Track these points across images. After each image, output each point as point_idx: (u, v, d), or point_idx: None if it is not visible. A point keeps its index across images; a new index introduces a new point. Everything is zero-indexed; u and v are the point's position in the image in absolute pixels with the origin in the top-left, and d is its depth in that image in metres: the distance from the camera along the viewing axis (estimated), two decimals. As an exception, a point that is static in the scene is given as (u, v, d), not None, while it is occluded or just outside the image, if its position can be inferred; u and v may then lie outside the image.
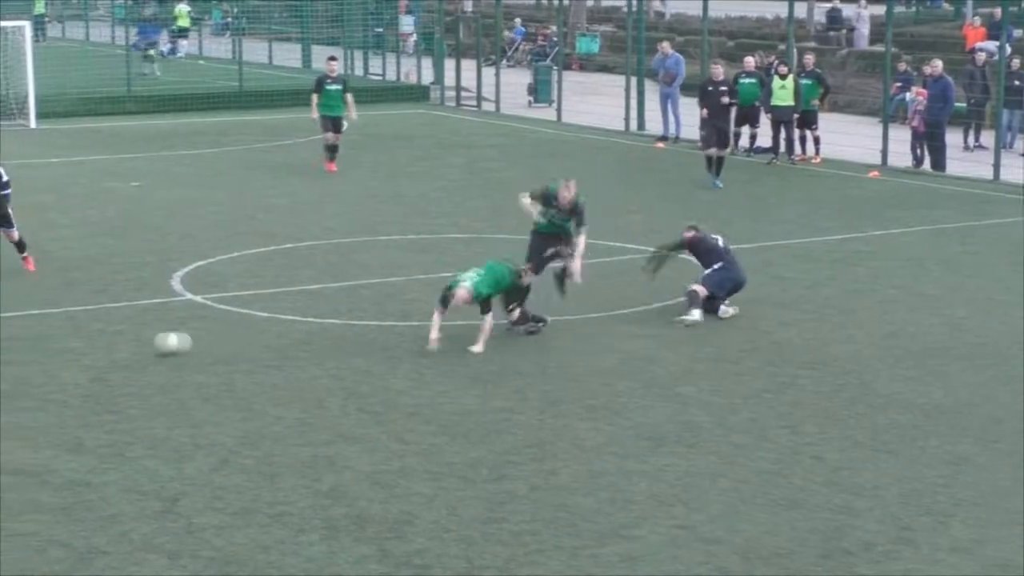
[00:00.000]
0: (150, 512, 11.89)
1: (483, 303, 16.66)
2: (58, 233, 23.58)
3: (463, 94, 44.41)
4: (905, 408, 14.81)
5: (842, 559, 11.07)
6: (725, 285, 18.44)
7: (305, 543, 11.29)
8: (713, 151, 28.66)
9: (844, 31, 50.58)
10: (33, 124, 37.27)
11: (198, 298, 19.26)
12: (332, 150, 30.46)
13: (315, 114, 30.28)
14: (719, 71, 29.59)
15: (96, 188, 28.38)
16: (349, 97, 30.30)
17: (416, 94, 45.23)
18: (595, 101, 41.48)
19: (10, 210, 20.57)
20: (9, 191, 20.42)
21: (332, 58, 31.93)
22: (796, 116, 31.44)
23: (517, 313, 17.26)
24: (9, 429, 13.99)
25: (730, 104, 29.54)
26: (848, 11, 51.26)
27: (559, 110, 40.14)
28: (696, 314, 18.08)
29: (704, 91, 29.38)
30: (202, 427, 14.09)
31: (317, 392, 15.20)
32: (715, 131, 28.78)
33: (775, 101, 31.23)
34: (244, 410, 14.61)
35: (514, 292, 17.18)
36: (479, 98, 43.56)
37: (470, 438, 13.78)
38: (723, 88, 29.18)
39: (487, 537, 11.41)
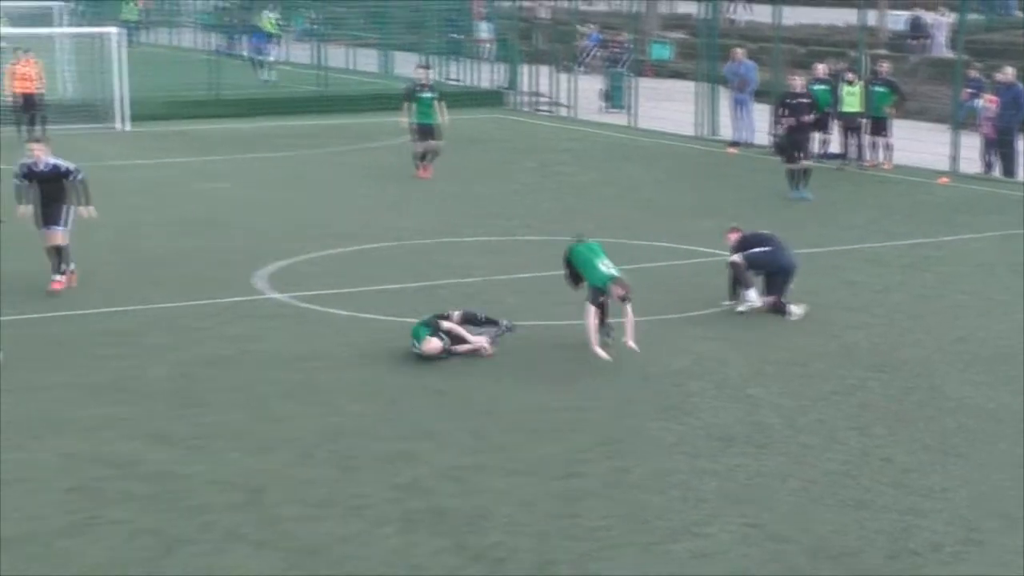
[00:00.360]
0: (234, 503, 11.99)
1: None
2: (147, 232, 23.79)
3: (538, 99, 44.42)
4: (974, 412, 14.67)
5: (909, 560, 10.98)
6: (765, 264, 18.36)
7: (383, 535, 11.33)
8: (796, 164, 27.59)
9: (925, 39, 49.68)
10: (126, 127, 37.64)
11: (281, 296, 19.38)
12: (422, 157, 29.68)
13: (404, 119, 29.64)
14: (798, 82, 28.53)
15: (184, 189, 28.62)
16: (442, 105, 29.61)
17: (492, 99, 45.27)
18: (668, 106, 41.35)
19: (69, 208, 19.49)
20: (81, 176, 19.48)
21: (423, 65, 31.36)
22: (865, 122, 31.24)
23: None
24: (103, 421, 14.17)
25: (811, 119, 28.17)
26: (928, 18, 50.56)
27: (633, 115, 40.04)
28: (752, 296, 18.08)
29: (783, 103, 28.13)
30: (283, 421, 14.19)
31: (395, 389, 15.26)
32: (795, 144, 27.66)
33: (843, 107, 31.16)
34: (324, 405, 14.70)
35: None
36: (554, 103, 43.55)
37: (544, 435, 13.78)
38: (804, 100, 27.94)
39: (561, 532, 11.41)
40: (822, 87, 31.46)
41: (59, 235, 19.32)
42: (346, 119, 40.63)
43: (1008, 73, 31.26)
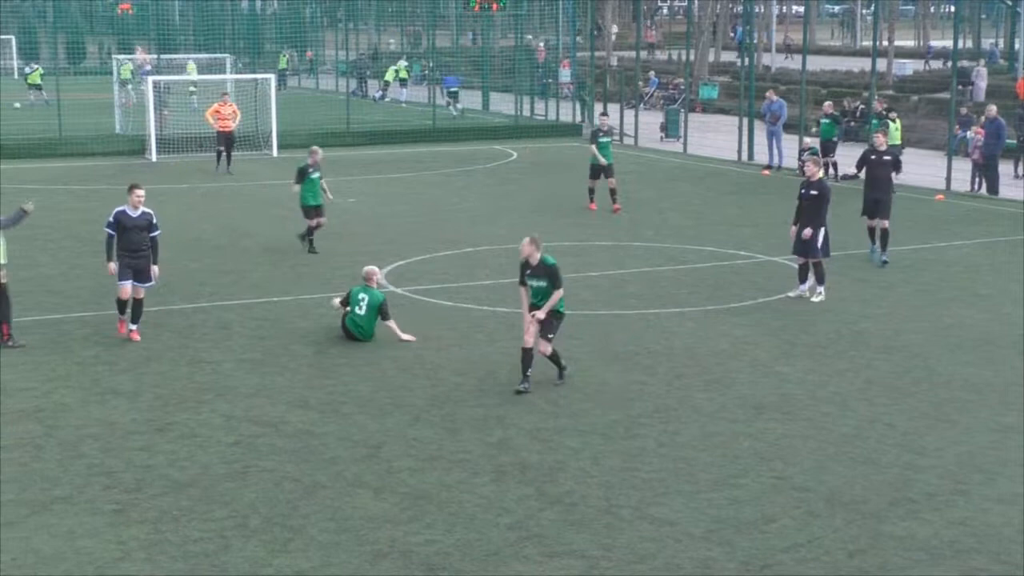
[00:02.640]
0: (359, 456, 12.06)
1: None
2: (293, 238, 23.96)
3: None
4: (961, 386, 14.45)
5: (908, 507, 10.84)
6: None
7: (479, 484, 11.34)
8: (876, 222, 21.71)
9: (968, 86, 47.64)
10: (275, 153, 37.98)
11: (399, 290, 19.47)
12: (611, 193, 27.34)
13: (600, 160, 27.28)
14: (882, 140, 22.17)
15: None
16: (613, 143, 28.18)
17: (570, 130, 45.17)
18: (714, 137, 41.07)
19: (154, 267, 16.11)
20: (158, 233, 16.25)
21: (604, 113, 30.29)
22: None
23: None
24: (257, 389, 14.32)
25: (893, 173, 21.95)
26: (972, 69, 48.73)
27: (685, 143, 39.86)
28: (822, 292, 18.41)
29: (866, 159, 21.98)
30: (399, 390, 14.24)
31: (489, 365, 15.26)
32: (875, 202, 21.67)
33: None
34: (432, 378, 14.74)
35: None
36: (621, 133, 43.40)
37: (610, 403, 13.76)
38: (887, 158, 21.68)
39: (622, 482, 11.38)
40: (826, 121, 32.31)
41: (142, 291, 16.19)
42: (451, 147, 40.70)
43: (992, 110, 30.91)
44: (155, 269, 16.18)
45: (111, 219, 15.98)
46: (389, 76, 58.59)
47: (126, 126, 41.04)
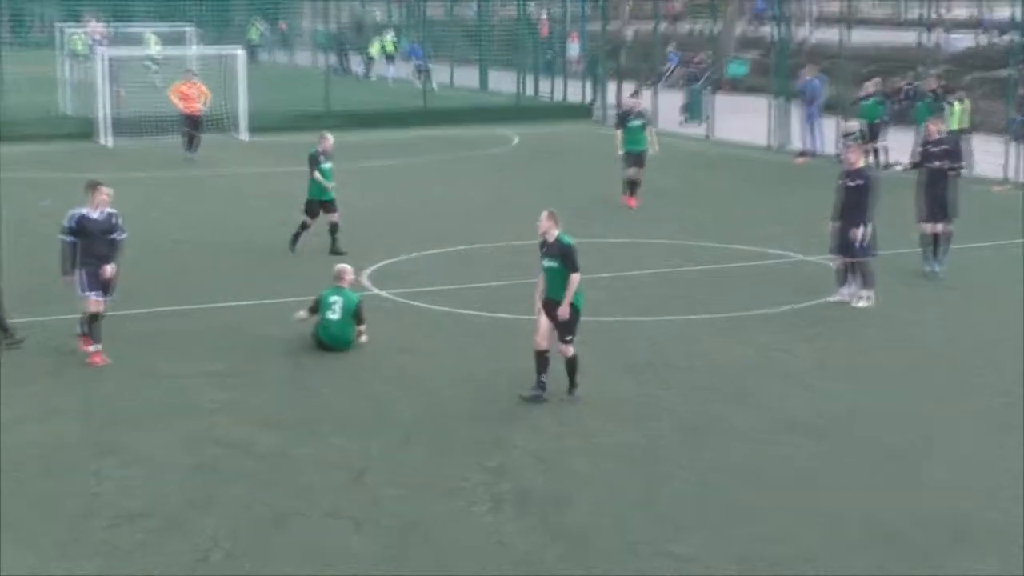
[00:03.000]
0: (339, 482, 11.99)
1: None
2: (266, 232, 23.88)
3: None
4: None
5: (967, 544, 10.70)
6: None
7: (476, 515, 11.28)
8: (931, 226, 20.72)
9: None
10: (244, 137, 37.91)
11: (383, 292, 19.40)
12: (632, 185, 27.06)
13: (620, 150, 27.03)
14: (937, 128, 21.38)
15: (298, 193, 28.67)
16: (652, 132, 27.59)
17: (579, 112, 45.10)
18: (742, 119, 40.97)
19: (106, 267, 15.58)
20: (124, 236, 15.89)
21: (635, 93, 29.96)
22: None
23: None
24: (222, 405, 14.26)
25: (953, 169, 20.89)
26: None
27: (710, 127, 39.78)
28: (845, 291, 18.30)
29: (925, 152, 21.04)
30: (385, 407, 14.17)
31: (488, 378, 15.20)
32: (934, 202, 20.63)
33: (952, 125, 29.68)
34: (422, 393, 14.68)
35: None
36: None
37: (624, 422, 13.68)
38: (945, 147, 20.75)
39: (640, 514, 11.29)
40: (870, 102, 32.03)
41: (104, 304, 15.70)
42: (446, 130, 40.66)
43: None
44: (108, 268, 15.64)
45: (71, 224, 15.39)
46: (374, 51, 58.50)
47: (74, 106, 40.98)
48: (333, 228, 22.06)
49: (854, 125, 30.92)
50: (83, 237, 15.44)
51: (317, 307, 16.45)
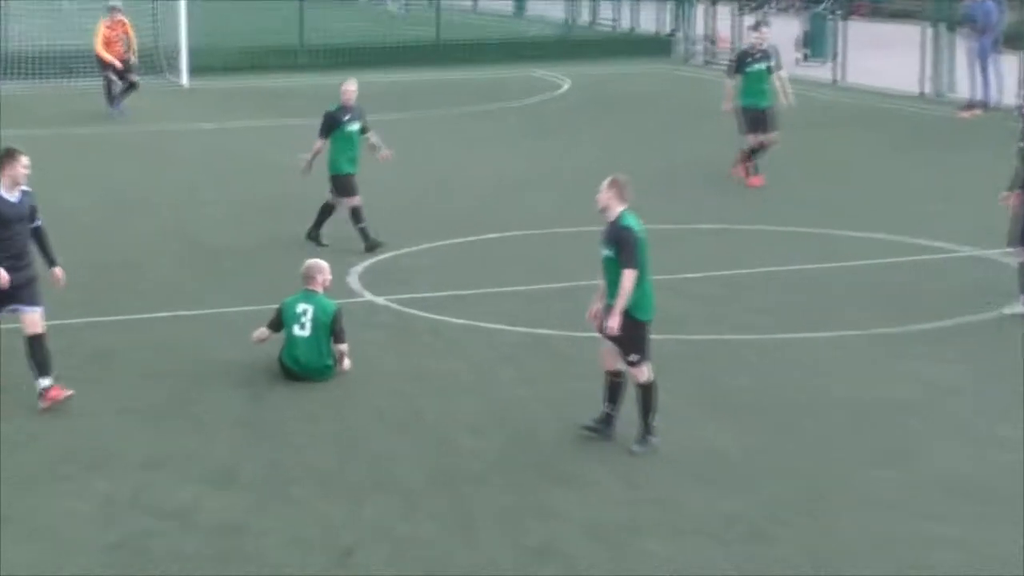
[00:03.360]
0: (318, 566, 11.97)
1: None
2: (209, 215, 23.98)
3: (716, 48, 44.21)
4: None
5: None
6: None
7: (510, 614, 11.26)
8: None
9: None
10: (185, 82, 38.04)
11: (379, 299, 19.43)
12: (754, 153, 26.61)
13: (729, 105, 26.77)
14: None
15: (257, 161, 28.82)
16: (782, 79, 26.93)
17: (656, 48, 45.11)
18: (885, 57, 40.97)
19: (55, 270, 15.87)
20: (41, 222, 15.87)
21: (756, 25, 28.77)
22: None
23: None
24: (152, 456, 14.24)
25: None
26: None
27: (839, 68, 39.70)
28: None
29: None
30: (382, 461, 14.15)
31: (525, 420, 15.17)
32: None
33: None
34: (434, 441, 14.66)
35: None
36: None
37: (719, 483, 13.62)
38: None
39: (742, 613, 11.26)
40: None
41: (39, 318, 15.65)
42: (466, 73, 40.71)
43: None
44: (58, 272, 15.82)
45: None
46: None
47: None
48: (354, 215, 21.86)
49: None
50: None
51: (279, 321, 16.45)
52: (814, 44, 43.16)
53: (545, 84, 39.01)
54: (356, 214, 21.84)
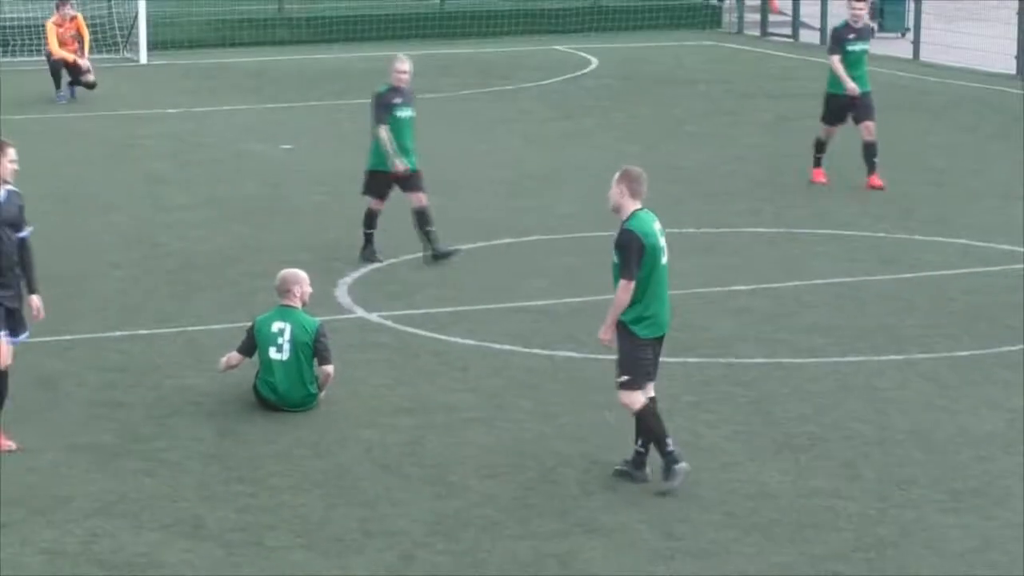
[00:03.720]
0: (300, 629, 12.11)
1: None
2: (175, 217, 23.99)
3: (772, 18, 44.19)
4: None
5: None
6: None
7: None
8: None
9: None
10: (143, 59, 38.10)
11: (373, 316, 19.51)
12: (868, 150, 26.61)
13: (852, 84, 26.54)
14: None
15: (230, 152, 28.83)
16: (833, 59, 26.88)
17: (701, 18, 45.11)
18: (973, 30, 40.89)
19: (32, 297, 15.81)
20: (29, 232, 15.93)
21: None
22: None
23: None
24: (105, 500, 14.32)
25: None
26: None
27: (917, 43, 39.71)
28: None
29: None
30: (376, 506, 14.24)
31: (544, 457, 15.25)
32: None
33: None
34: (437, 483, 14.75)
35: None
36: (795, 24, 43.32)
37: (773, 532, 13.71)
38: None
39: None
40: None
41: (11, 351, 15.73)
42: (478, 48, 40.69)
43: None
44: (35, 301, 15.72)
45: None
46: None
47: None
48: (419, 217, 21.80)
49: None
50: None
51: (252, 343, 16.54)
52: (887, 15, 43.09)
53: (569, 61, 38.97)
54: (373, 217, 22.01)
